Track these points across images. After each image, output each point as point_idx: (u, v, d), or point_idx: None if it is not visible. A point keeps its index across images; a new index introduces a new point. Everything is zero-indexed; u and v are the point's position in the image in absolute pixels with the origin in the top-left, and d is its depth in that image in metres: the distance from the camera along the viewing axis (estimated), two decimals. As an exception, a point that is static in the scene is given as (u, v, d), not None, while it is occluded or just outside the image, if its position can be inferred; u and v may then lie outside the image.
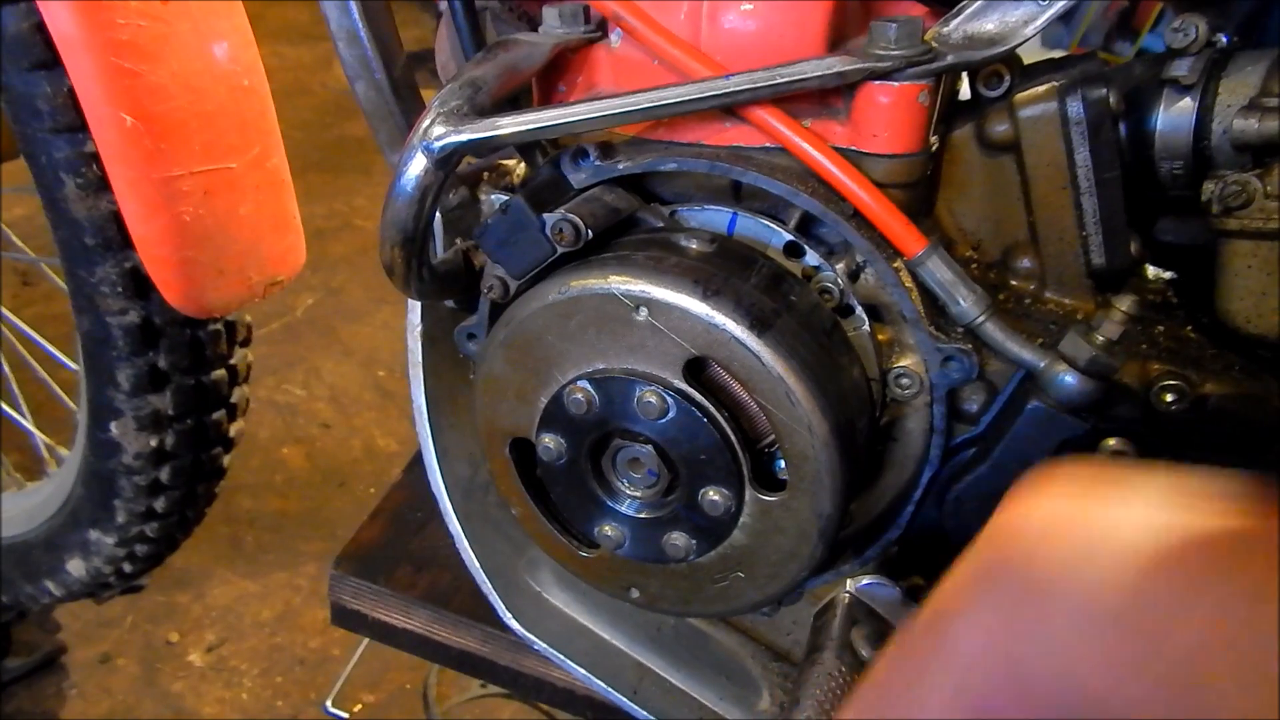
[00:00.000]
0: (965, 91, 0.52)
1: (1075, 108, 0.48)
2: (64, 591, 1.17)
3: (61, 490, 1.12)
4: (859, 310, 0.51)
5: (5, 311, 1.31)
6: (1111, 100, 0.48)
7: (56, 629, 1.57)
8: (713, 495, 0.49)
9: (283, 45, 3.42)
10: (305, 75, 3.38)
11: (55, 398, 1.28)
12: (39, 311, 1.76)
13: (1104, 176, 0.48)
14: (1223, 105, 0.46)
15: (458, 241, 0.58)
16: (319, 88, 3.35)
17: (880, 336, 0.51)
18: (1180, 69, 0.46)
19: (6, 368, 1.34)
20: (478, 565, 0.66)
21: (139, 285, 0.89)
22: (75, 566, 1.12)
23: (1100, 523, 0.24)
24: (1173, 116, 0.47)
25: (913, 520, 0.53)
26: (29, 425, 1.32)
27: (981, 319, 0.47)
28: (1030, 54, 0.51)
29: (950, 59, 0.45)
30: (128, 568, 1.13)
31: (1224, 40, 0.47)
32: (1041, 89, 0.49)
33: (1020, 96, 0.49)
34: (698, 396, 0.47)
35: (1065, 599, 0.23)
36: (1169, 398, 0.47)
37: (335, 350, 2.24)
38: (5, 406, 1.35)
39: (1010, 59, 0.48)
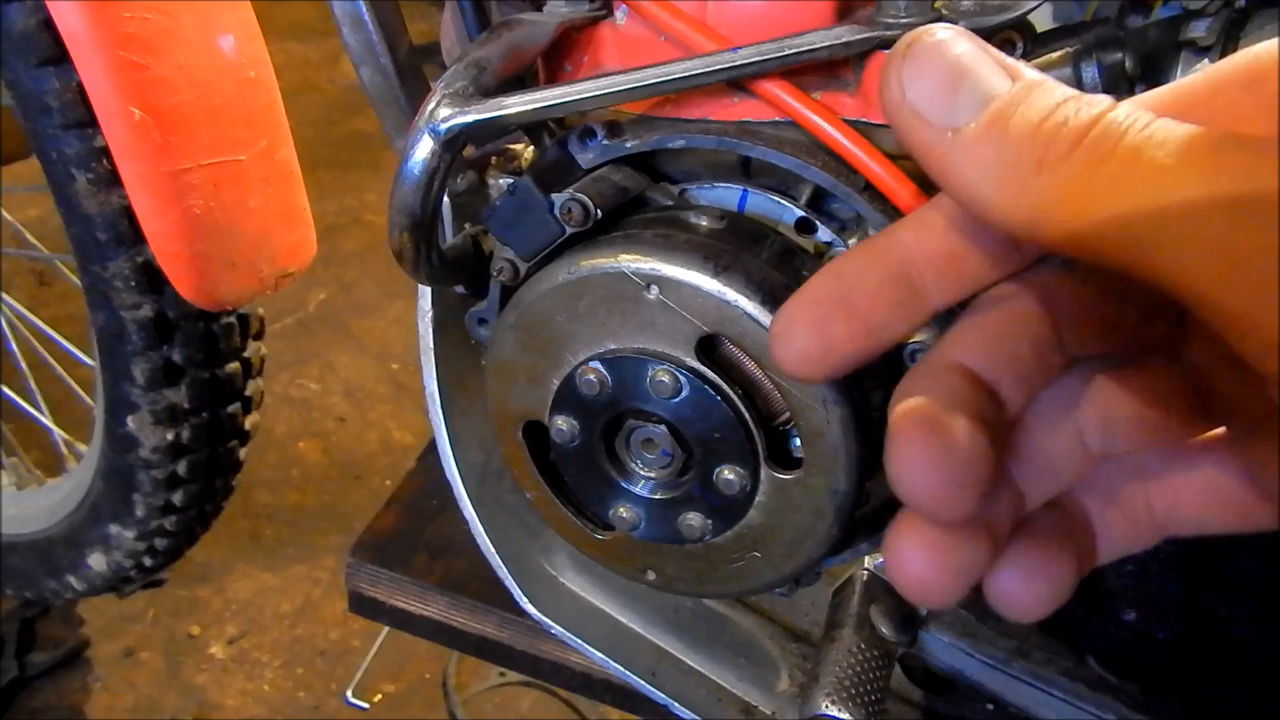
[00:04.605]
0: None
1: (1090, 73, 0.47)
2: (86, 586, 1.19)
3: (81, 486, 1.13)
4: (872, 285, 0.50)
5: (23, 310, 1.32)
6: (1127, 65, 0.47)
7: (80, 624, 1.59)
8: (728, 474, 0.48)
9: (290, 42, 3.42)
10: (312, 72, 3.38)
11: (73, 394, 1.30)
12: (55, 311, 1.77)
13: (1120, 143, 0.47)
14: (1242, 67, 0.45)
15: (466, 226, 0.58)
16: (327, 84, 3.36)
17: (894, 311, 0.51)
18: (1198, 30, 0.45)
19: (25, 366, 1.35)
20: (493, 551, 0.66)
21: (152, 279, 0.90)
22: (97, 561, 1.14)
23: None
24: (1190, 80, 0.46)
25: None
26: (48, 422, 1.33)
27: (997, 291, 0.47)
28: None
29: (961, 25, 0.44)
30: (148, 561, 1.14)
31: (1242, 0, 0.46)
32: (1055, 55, 0.48)
33: (1034, 63, 0.48)
34: (710, 374, 0.47)
35: None
36: None
37: (349, 345, 2.25)
38: (24, 404, 1.36)
39: (1023, 25, 0.47)
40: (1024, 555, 0.30)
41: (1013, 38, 0.48)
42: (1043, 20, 0.48)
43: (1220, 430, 0.30)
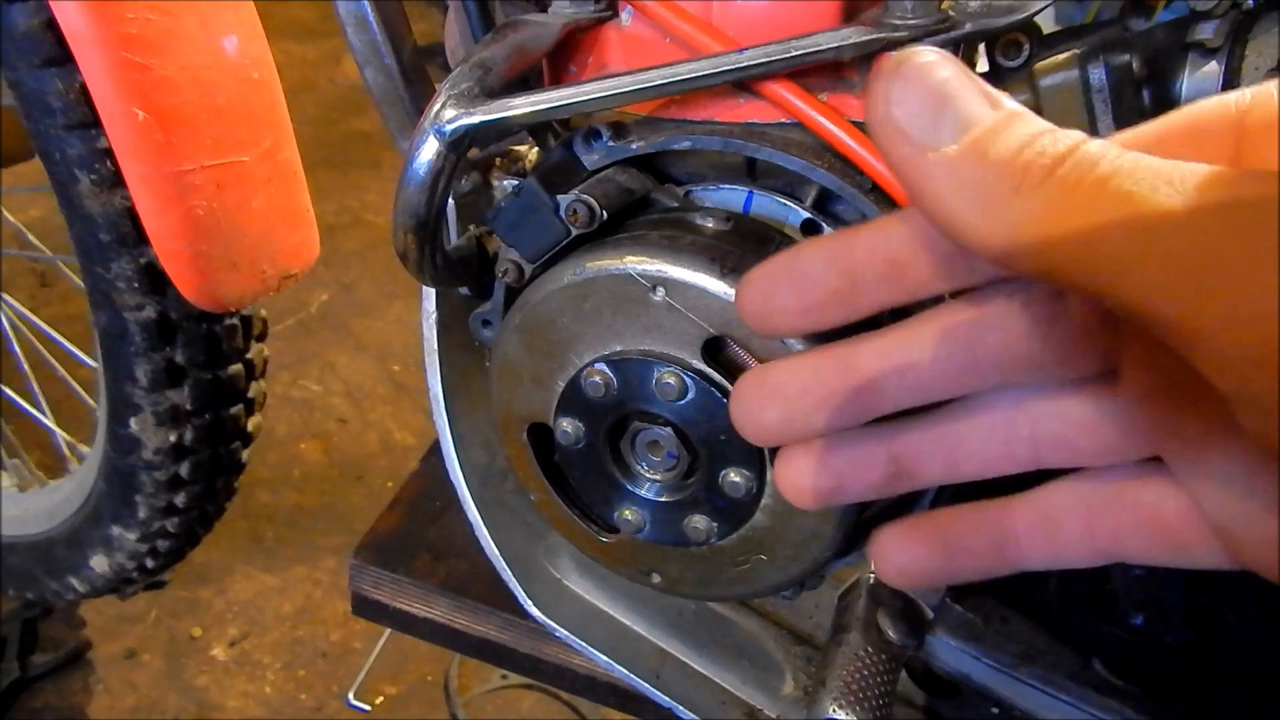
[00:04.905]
0: (983, 64, 0.51)
1: (1098, 75, 0.47)
2: (88, 587, 1.18)
3: (84, 487, 1.13)
4: (878, 287, 0.50)
5: (25, 311, 1.32)
6: (1134, 66, 0.47)
7: (81, 625, 1.59)
8: (733, 476, 0.48)
9: (290, 42, 3.42)
10: (312, 72, 3.38)
11: (75, 395, 1.30)
12: (57, 311, 1.77)
13: (1127, 145, 0.47)
14: (1250, 68, 0.45)
15: (471, 228, 0.58)
16: (327, 84, 3.35)
17: (900, 313, 0.50)
18: (1205, 32, 0.45)
19: (26, 367, 1.35)
20: (496, 552, 0.66)
21: (155, 280, 0.90)
22: (99, 562, 1.14)
23: None
24: (1198, 81, 0.46)
25: (936, 500, 0.52)
26: (50, 423, 1.33)
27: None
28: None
29: (968, 27, 0.44)
30: (150, 563, 1.14)
31: (1250, 1, 0.46)
32: (1062, 57, 0.47)
33: (1040, 65, 0.48)
34: (717, 376, 0.47)
35: None
36: None
37: (349, 345, 2.25)
38: (26, 405, 1.36)
39: (1029, 27, 0.47)
40: (902, 532, 0.35)
41: (1019, 39, 0.48)
42: (1045, 22, 0.48)
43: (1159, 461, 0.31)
